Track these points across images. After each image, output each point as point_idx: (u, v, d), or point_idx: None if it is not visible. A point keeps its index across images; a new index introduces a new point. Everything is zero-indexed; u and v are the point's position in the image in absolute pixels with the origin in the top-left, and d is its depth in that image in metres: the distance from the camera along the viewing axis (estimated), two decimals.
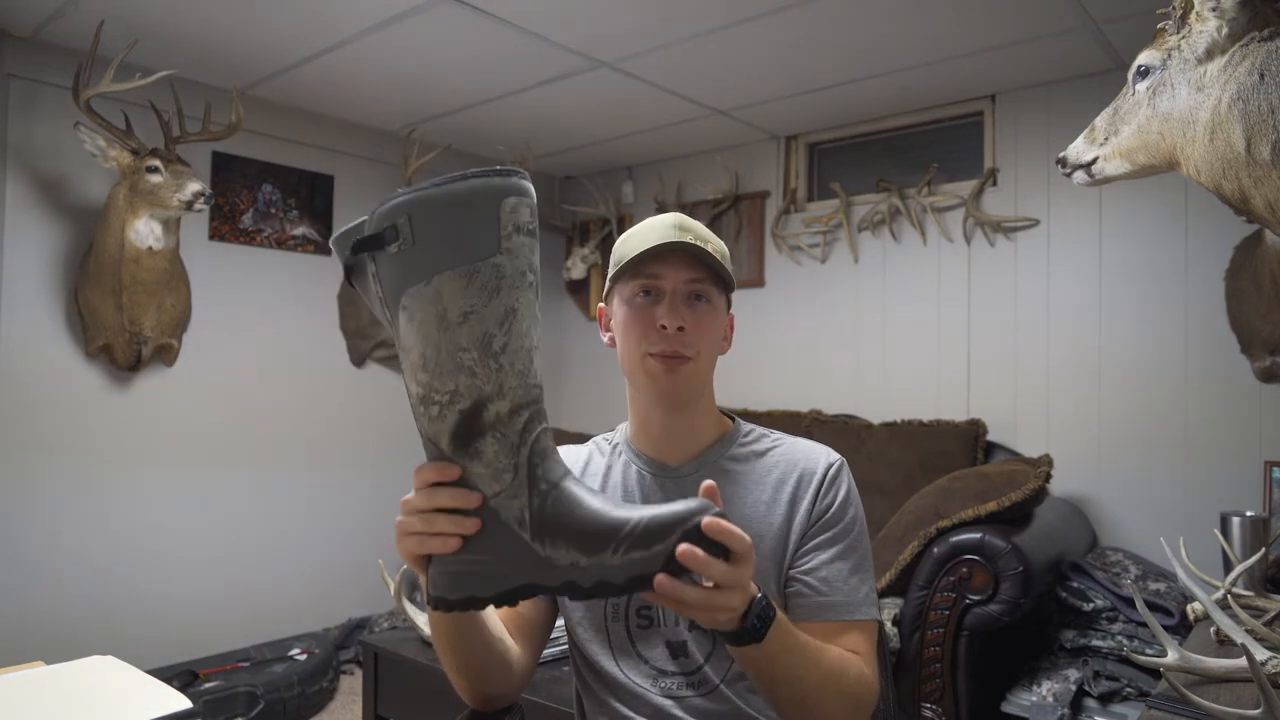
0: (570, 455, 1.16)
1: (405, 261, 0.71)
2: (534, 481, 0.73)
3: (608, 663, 1.04)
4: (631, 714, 1.02)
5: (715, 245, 1.03)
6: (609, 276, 1.06)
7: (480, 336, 0.72)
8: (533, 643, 1.06)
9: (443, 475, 0.74)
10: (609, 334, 1.08)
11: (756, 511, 1.03)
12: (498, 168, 0.73)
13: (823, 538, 1.01)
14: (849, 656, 0.95)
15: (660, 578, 0.71)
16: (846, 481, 1.05)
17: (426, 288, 0.71)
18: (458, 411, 0.73)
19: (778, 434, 1.11)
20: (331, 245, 0.78)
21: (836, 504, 1.03)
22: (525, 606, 1.07)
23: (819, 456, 1.06)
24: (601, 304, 1.10)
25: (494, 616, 0.97)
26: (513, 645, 1.00)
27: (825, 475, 1.04)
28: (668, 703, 1.00)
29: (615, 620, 1.04)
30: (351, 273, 0.76)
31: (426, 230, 0.71)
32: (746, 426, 1.12)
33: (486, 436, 0.73)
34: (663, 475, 1.06)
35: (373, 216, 0.73)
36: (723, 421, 1.11)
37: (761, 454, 1.08)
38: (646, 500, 1.05)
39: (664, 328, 0.99)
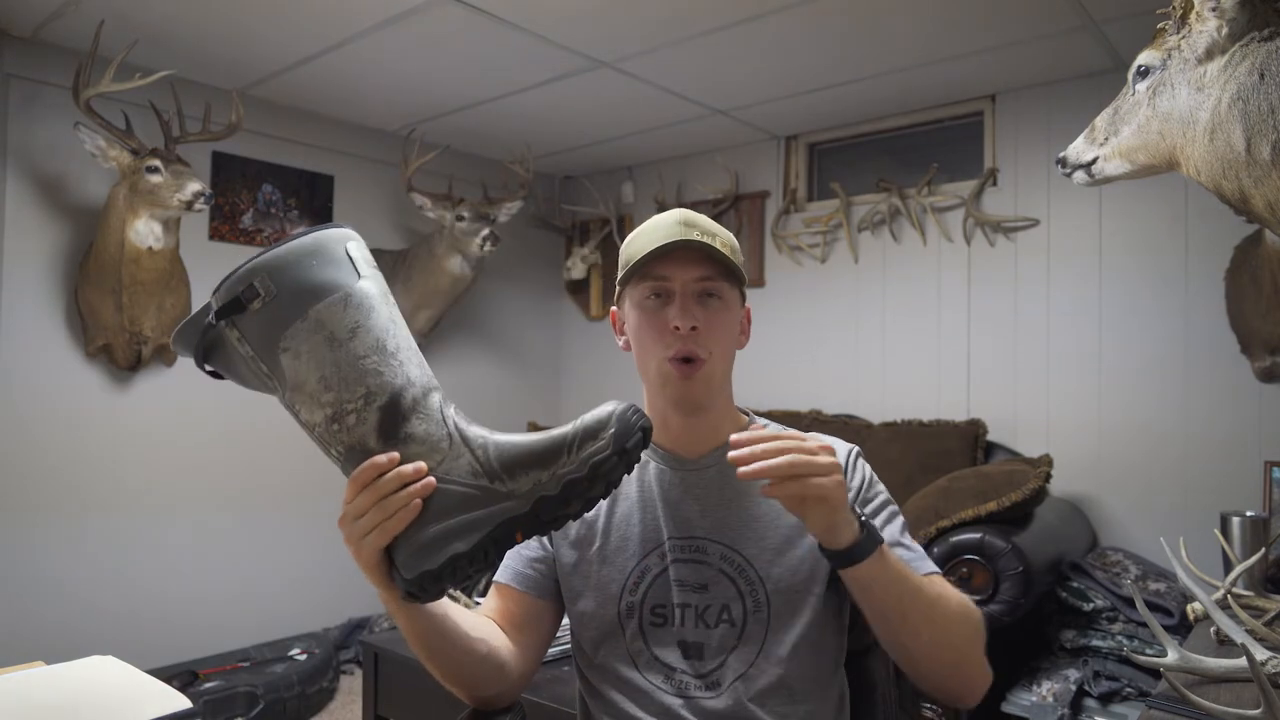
0: None
1: (272, 311, 0.76)
2: (469, 439, 0.79)
3: (618, 661, 1.02)
4: (639, 712, 1.01)
5: (723, 239, 1.02)
6: (618, 280, 1.05)
7: (374, 343, 0.78)
8: (530, 640, 1.04)
9: (381, 467, 0.76)
10: (624, 338, 1.08)
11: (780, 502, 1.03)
12: (326, 225, 0.82)
13: (865, 511, 1.02)
14: (949, 587, 0.97)
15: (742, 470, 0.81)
16: (867, 465, 1.07)
17: (305, 322, 0.76)
18: (377, 409, 0.77)
19: (794, 430, 1.11)
20: (174, 344, 0.82)
21: (865, 483, 1.05)
22: (516, 603, 1.06)
23: (838, 446, 1.07)
24: (614, 308, 1.10)
25: (469, 617, 0.96)
26: (501, 645, 0.99)
27: (846, 462, 1.05)
28: (676, 701, 0.99)
29: (629, 617, 1.03)
30: (209, 354, 0.81)
31: (285, 279, 0.76)
32: (762, 421, 1.12)
33: (412, 419, 0.78)
34: (682, 469, 1.05)
35: (218, 294, 0.78)
36: (739, 417, 1.12)
37: None
38: (666, 498, 1.05)
39: (677, 329, 0.98)
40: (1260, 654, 1.13)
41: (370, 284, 0.80)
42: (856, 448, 1.08)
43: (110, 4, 2.34)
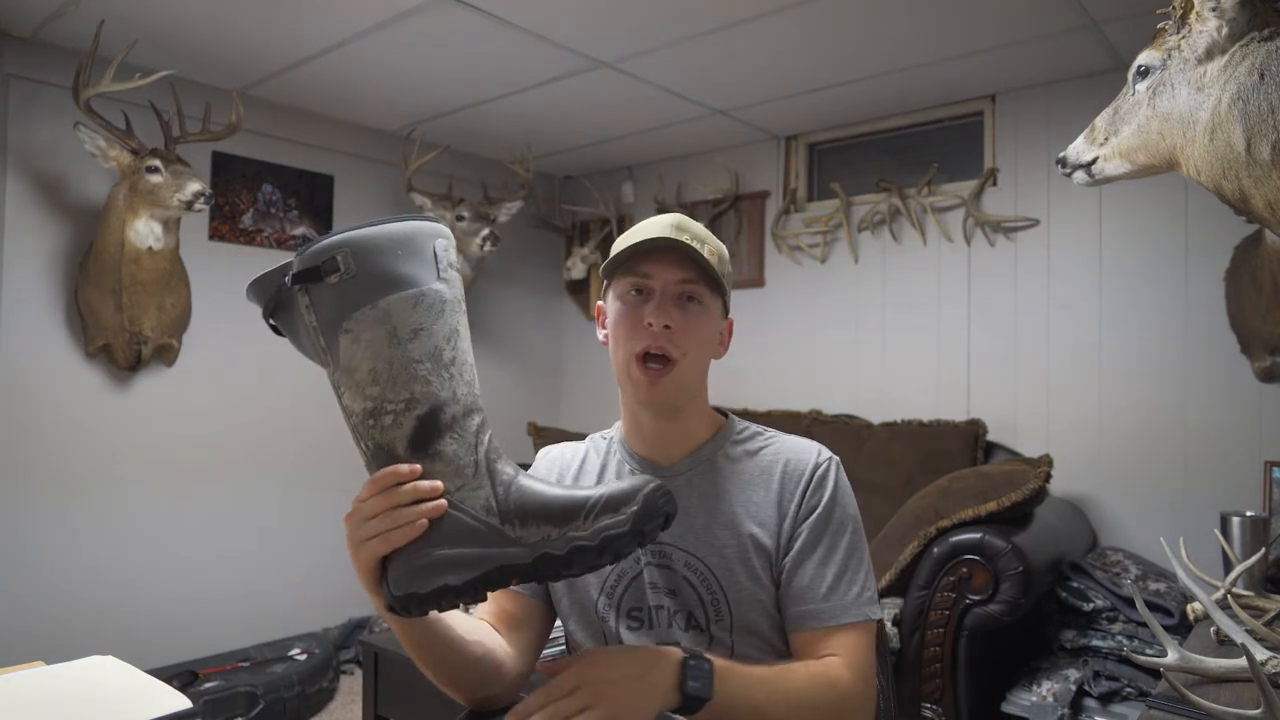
0: (567, 452, 1.16)
1: (347, 289, 0.76)
2: (495, 474, 0.78)
3: None
4: None
5: (712, 246, 1.03)
6: (602, 271, 1.06)
7: (431, 350, 0.77)
8: (526, 639, 1.05)
9: (401, 476, 0.76)
10: (604, 332, 1.08)
11: (747, 511, 1.03)
12: (423, 215, 0.82)
13: (807, 540, 1.00)
14: (819, 668, 0.93)
15: None
16: (834, 480, 1.04)
17: (373, 310, 0.76)
18: (415, 417, 0.76)
19: (772, 432, 1.11)
20: (249, 291, 0.82)
21: (822, 504, 1.02)
22: (511, 603, 1.07)
23: (809, 456, 1.05)
24: (600, 302, 1.11)
25: (463, 619, 0.96)
26: (496, 645, 0.99)
27: (813, 475, 1.03)
28: None
29: (605, 620, 1.04)
30: (277, 311, 0.81)
31: (368, 262, 0.76)
32: (740, 424, 1.11)
33: (446, 437, 0.77)
34: (655, 474, 1.05)
35: (301, 257, 0.78)
36: (716, 419, 1.11)
37: (754, 453, 1.07)
38: None
39: (650, 325, 0.99)
40: (1260, 654, 1.13)
41: (445, 288, 0.79)
42: (830, 459, 1.06)
43: (110, 4, 2.34)
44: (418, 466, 0.76)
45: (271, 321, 0.82)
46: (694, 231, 1.02)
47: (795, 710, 0.89)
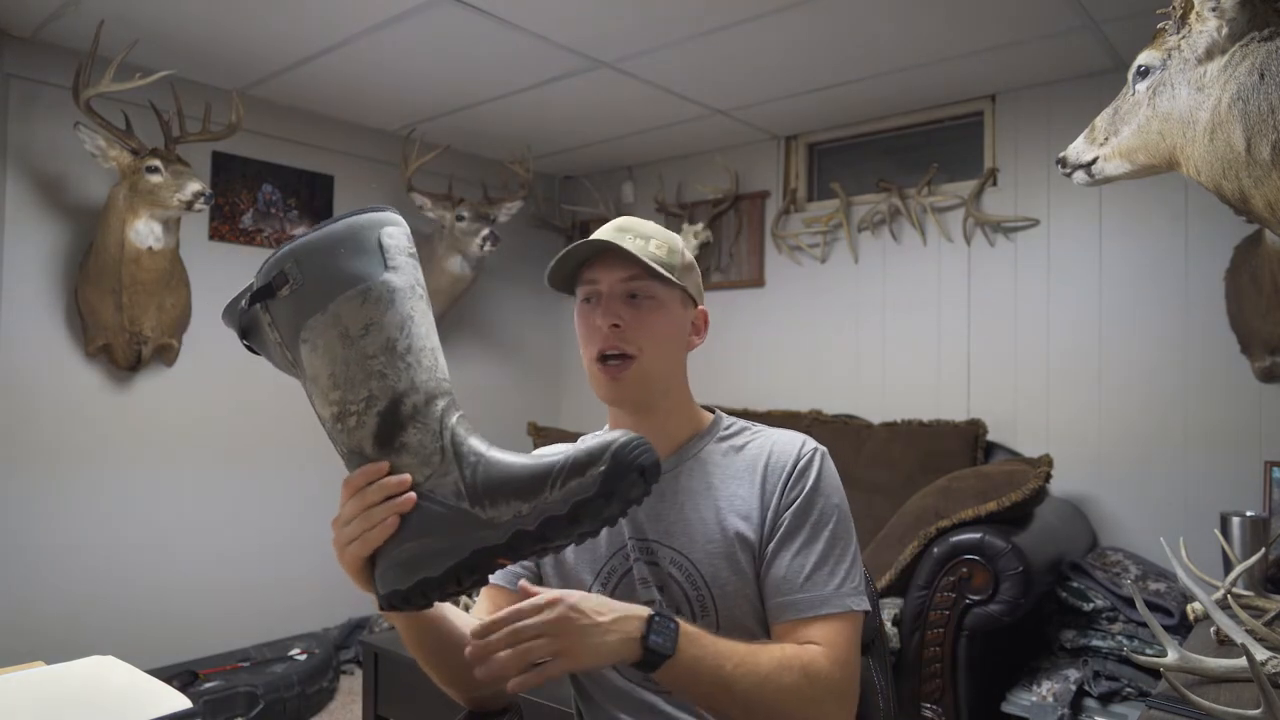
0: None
1: (299, 299, 0.76)
2: (462, 456, 0.76)
3: None
4: (620, 713, 1.02)
5: (659, 240, 1.04)
6: (549, 282, 1.09)
7: (384, 343, 0.76)
8: None
9: (371, 475, 0.76)
10: None
11: (732, 506, 1.03)
12: (369, 206, 0.81)
13: (786, 531, 1.00)
14: (795, 652, 0.92)
15: (512, 683, 0.79)
16: (818, 471, 1.03)
17: (324, 315, 0.75)
18: (376, 414, 0.76)
19: (759, 427, 1.11)
20: (224, 318, 0.83)
21: (803, 495, 1.01)
22: (509, 602, 1.07)
23: (792, 447, 1.04)
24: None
25: (465, 619, 0.96)
26: None
27: (795, 466, 1.03)
28: (655, 699, 1.01)
29: None
30: (248, 332, 0.81)
31: (315, 268, 0.76)
32: (728, 420, 1.11)
33: (408, 428, 0.76)
34: None
35: (257, 275, 0.78)
36: (701, 416, 1.11)
37: (740, 448, 1.07)
38: None
39: (600, 327, 1.01)
40: (1260, 654, 1.13)
41: (396, 277, 0.77)
42: (815, 450, 1.05)
43: (110, 4, 2.34)
44: (384, 464, 0.76)
45: (246, 343, 0.83)
46: (637, 230, 1.04)
47: (760, 686, 0.88)
